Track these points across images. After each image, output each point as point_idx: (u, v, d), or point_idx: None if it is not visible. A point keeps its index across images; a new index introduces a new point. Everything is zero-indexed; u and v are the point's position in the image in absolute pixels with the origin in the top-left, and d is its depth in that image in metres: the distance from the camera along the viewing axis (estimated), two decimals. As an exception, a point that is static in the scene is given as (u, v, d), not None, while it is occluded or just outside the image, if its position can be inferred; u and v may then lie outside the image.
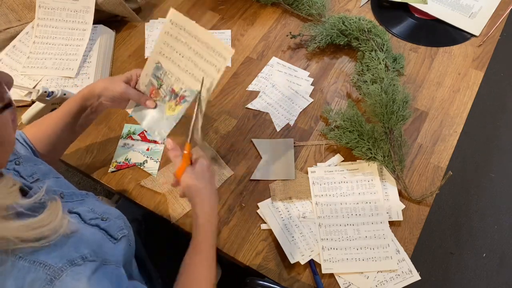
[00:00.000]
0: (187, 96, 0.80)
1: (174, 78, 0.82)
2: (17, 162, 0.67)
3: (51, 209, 0.55)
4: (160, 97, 0.84)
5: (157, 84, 0.83)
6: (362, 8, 1.25)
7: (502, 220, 1.73)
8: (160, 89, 0.84)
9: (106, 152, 1.00)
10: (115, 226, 0.67)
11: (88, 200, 0.71)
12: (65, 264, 0.52)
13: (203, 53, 0.78)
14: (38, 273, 0.50)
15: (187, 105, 0.80)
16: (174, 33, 0.80)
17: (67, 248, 0.54)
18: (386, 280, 0.82)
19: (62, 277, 0.51)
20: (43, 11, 1.12)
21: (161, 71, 0.83)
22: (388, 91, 0.95)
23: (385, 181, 0.93)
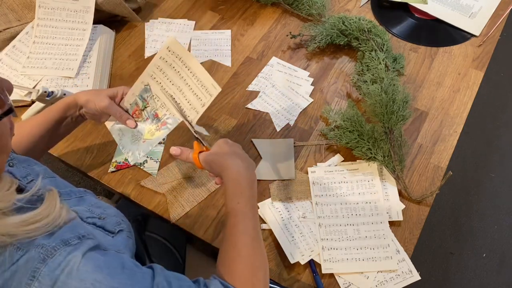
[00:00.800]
0: (169, 124, 0.80)
1: (160, 103, 0.82)
2: (10, 164, 0.66)
3: (49, 201, 0.55)
4: (142, 119, 0.84)
5: (142, 105, 0.83)
6: (362, 8, 1.25)
7: (502, 220, 1.73)
8: (144, 110, 0.83)
9: (106, 152, 1.00)
10: (112, 222, 0.67)
11: (86, 198, 0.71)
12: (58, 244, 0.51)
13: (192, 85, 0.79)
14: (31, 253, 0.49)
15: (167, 132, 0.80)
16: (169, 60, 0.80)
17: (62, 231, 0.53)
18: (386, 280, 0.82)
19: (55, 256, 0.50)
20: (43, 11, 1.12)
21: (148, 93, 0.83)
22: (388, 91, 0.95)
23: (385, 181, 0.93)
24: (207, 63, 1.14)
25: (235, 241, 0.66)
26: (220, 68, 1.14)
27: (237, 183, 0.70)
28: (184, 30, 1.21)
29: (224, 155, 0.73)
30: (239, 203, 0.68)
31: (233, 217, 0.68)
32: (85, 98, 0.81)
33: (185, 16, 1.24)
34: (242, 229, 0.66)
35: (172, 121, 0.80)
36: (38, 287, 0.48)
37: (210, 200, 0.93)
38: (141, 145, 0.82)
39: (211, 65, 1.14)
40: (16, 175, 0.64)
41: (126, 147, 0.85)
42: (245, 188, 0.70)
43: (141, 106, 0.83)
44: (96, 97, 0.81)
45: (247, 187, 0.70)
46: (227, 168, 0.71)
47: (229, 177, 0.71)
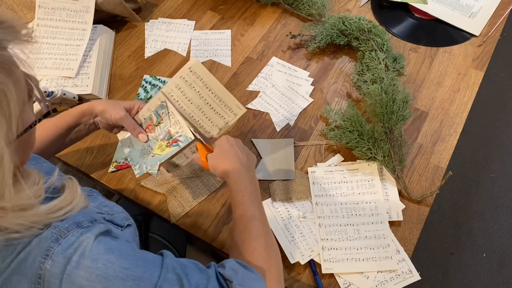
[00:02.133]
0: (180, 142, 0.81)
1: (174, 121, 0.82)
2: None
3: (70, 187, 0.57)
4: (154, 134, 0.84)
5: (156, 121, 0.84)
6: (362, 8, 1.25)
7: (502, 220, 1.73)
8: (157, 126, 0.84)
9: (106, 152, 1.00)
10: (120, 218, 0.68)
11: (94, 196, 0.72)
12: (71, 225, 0.53)
13: (214, 105, 0.83)
14: (44, 234, 0.51)
15: (177, 149, 0.81)
16: (189, 80, 0.81)
17: (75, 215, 0.55)
18: (386, 280, 0.82)
19: (68, 236, 0.52)
20: (43, 11, 1.12)
21: (164, 109, 0.83)
22: (388, 91, 0.95)
23: (385, 181, 0.93)
24: (207, 63, 1.14)
25: (245, 225, 0.70)
26: (220, 68, 1.14)
27: (239, 183, 0.75)
28: (184, 30, 1.21)
29: (225, 160, 0.77)
30: (244, 195, 0.73)
31: (240, 207, 0.72)
32: (102, 107, 0.82)
33: (185, 16, 1.24)
34: (250, 215, 0.71)
35: (183, 139, 0.81)
36: (52, 265, 0.50)
37: (210, 200, 0.93)
38: (149, 159, 0.83)
39: (211, 65, 1.14)
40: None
41: (134, 159, 0.85)
42: (247, 184, 0.75)
43: (155, 122, 0.84)
44: (112, 107, 0.82)
45: (249, 183, 0.75)
46: (228, 175, 0.76)
47: (231, 180, 0.76)
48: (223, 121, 0.84)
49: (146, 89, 1.10)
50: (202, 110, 0.83)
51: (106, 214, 0.67)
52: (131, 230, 0.68)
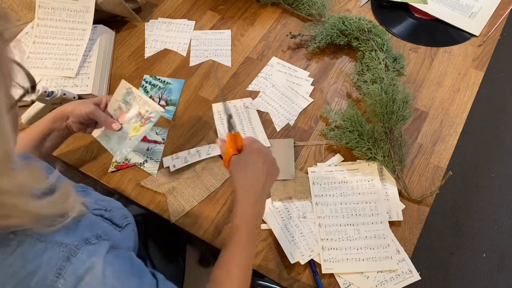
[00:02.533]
0: (152, 118, 0.86)
1: (142, 102, 0.87)
2: None
3: (63, 189, 0.56)
4: (126, 121, 0.88)
5: (125, 108, 0.88)
6: (362, 8, 1.25)
7: (502, 220, 1.73)
8: (127, 113, 0.88)
9: (106, 152, 1.00)
10: (119, 215, 0.69)
11: (89, 192, 0.73)
12: (80, 243, 0.54)
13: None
14: (54, 251, 0.52)
15: (151, 125, 0.85)
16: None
17: (80, 230, 0.56)
18: (386, 280, 0.82)
19: (78, 255, 0.53)
20: (43, 11, 1.12)
21: (131, 95, 0.88)
22: (388, 91, 0.95)
23: (385, 181, 0.93)
24: (207, 63, 1.14)
25: (229, 269, 0.68)
26: (220, 68, 1.14)
27: (244, 214, 0.71)
28: (184, 30, 1.21)
29: (243, 176, 0.73)
30: (241, 235, 0.70)
31: (233, 246, 0.70)
32: (70, 107, 0.84)
33: (185, 16, 1.24)
34: (237, 261, 0.69)
35: (154, 115, 0.86)
36: (64, 284, 0.51)
37: (210, 200, 0.93)
38: (127, 142, 0.87)
39: (211, 65, 1.14)
40: None
41: (113, 148, 0.89)
42: (249, 218, 0.71)
43: (125, 109, 0.88)
44: (81, 104, 0.84)
45: (252, 217, 0.71)
46: (237, 196, 0.72)
47: (238, 204, 0.71)
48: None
49: (146, 89, 1.10)
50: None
51: (103, 209, 0.67)
52: (129, 231, 0.68)
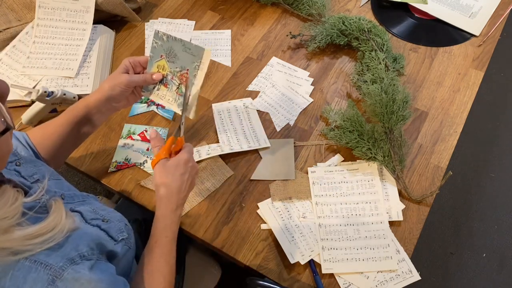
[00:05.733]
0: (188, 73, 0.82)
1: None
2: (17, 163, 0.67)
3: (55, 212, 0.55)
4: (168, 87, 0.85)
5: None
6: (362, 8, 1.25)
7: (502, 220, 1.73)
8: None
9: (106, 152, 1.00)
10: (116, 228, 0.68)
11: (89, 201, 0.72)
12: (65, 263, 0.53)
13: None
14: (39, 273, 0.51)
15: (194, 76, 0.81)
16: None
17: (67, 247, 0.55)
18: (386, 280, 0.82)
19: (63, 276, 0.52)
20: (43, 11, 1.12)
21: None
22: (388, 91, 0.95)
23: (385, 181, 0.93)
24: (207, 63, 1.14)
25: (154, 266, 0.71)
26: (220, 68, 1.14)
27: (166, 218, 0.74)
28: (184, 30, 1.21)
29: (170, 183, 0.75)
30: (167, 236, 0.74)
31: (155, 242, 0.73)
32: (107, 87, 0.80)
33: (185, 16, 1.24)
34: (159, 254, 0.72)
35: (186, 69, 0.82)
36: None
37: (210, 200, 0.93)
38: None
39: (211, 65, 1.14)
40: (22, 173, 0.65)
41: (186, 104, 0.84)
42: (174, 224, 0.75)
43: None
44: (113, 80, 0.80)
45: (176, 224, 0.76)
46: (161, 201, 0.75)
47: (161, 209, 0.75)
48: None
49: (146, 89, 1.10)
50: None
51: (101, 219, 0.66)
52: (123, 246, 0.68)
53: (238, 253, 0.87)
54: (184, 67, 0.81)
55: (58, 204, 0.57)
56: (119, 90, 0.80)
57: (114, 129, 1.03)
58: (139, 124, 1.03)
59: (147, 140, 1.01)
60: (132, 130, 1.02)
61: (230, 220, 0.91)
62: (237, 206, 0.92)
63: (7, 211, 0.50)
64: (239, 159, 0.98)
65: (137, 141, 1.01)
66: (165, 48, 0.82)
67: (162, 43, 0.82)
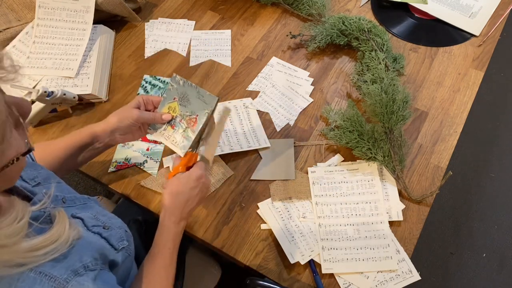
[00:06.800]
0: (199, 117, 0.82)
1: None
2: None
3: (59, 224, 0.55)
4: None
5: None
6: (362, 8, 1.25)
7: (502, 220, 1.73)
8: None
9: (106, 152, 0.99)
10: (117, 236, 0.68)
11: (90, 205, 0.72)
12: (69, 275, 0.53)
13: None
14: (44, 286, 0.51)
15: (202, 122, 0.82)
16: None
17: (71, 258, 0.55)
18: (386, 280, 0.82)
19: None
20: (43, 11, 1.12)
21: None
22: (388, 91, 0.95)
23: (385, 181, 0.93)
24: (207, 63, 1.14)
25: (154, 276, 0.72)
26: (220, 68, 1.14)
27: (171, 213, 0.76)
28: (184, 30, 1.21)
29: (178, 195, 0.76)
30: (169, 248, 0.74)
31: (157, 252, 0.74)
32: (115, 120, 0.81)
33: (185, 16, 1.24)
34: (160, 264, 0.73)
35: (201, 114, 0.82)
36: None
37: (210, 200, 0.93)
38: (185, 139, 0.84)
39: (211, 65, 1.14)
40: (24, 177, 0.65)
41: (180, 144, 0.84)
42: (174, 237, 0.76)
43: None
44: (125, 113, 0.81)
45: (176, 237, 0.76)
46: (165, 216, 0.76)
47: (165, 205, 0.76)
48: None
49: (146, 89, 1.10)
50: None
51: (102, 226, 0.67)
52: (123, 254, 0.69)
53: (238, 253, 0.87)
54: (194, 112, 0.82)
55: (61, 214, 0.57)
56: (127, 123, 0.81)
57: (114, 129, 1.03)
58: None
59: (147, 140, 1.01)
60: (132, 130, 1.02)
61: (230, 220, 0.91)
62: (237, 206, 0.92)
63: (15, 229, 0.49)
64: (239, 159, 0.98)
65: (137, 141, 1.01)
66: (179, 92, 0.83)
67: (178, 86, 0.82)
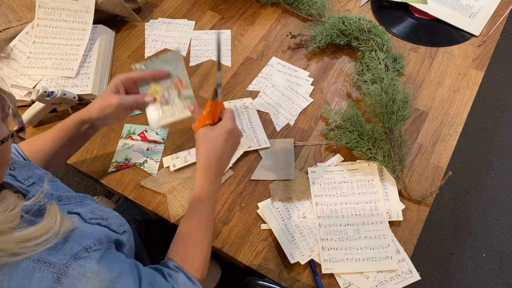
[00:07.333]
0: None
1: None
2: (12, 168, 0.66)
3: (49, 216, 0.55)
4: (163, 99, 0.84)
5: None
6: (362, 8, 1.25)
7: (502, 220, 1.73)
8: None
9: (106, 152, 1.00)
10: (116, 223, 0.68)
11: (86, 202, 0.72)
12: (69, 260, 0.52)
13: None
14: (44, 273, 0.50)
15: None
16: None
17: (69, 244, 0.54)
18: (386, 280, 0.82)
19: (68, 273, 0.51)
20: (43, 11, 1.12)
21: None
22: (388, 91, 0.95)
23: (385, 181, 0.93)
24: (207, 63, 1.14)
25: (191, 233, 0.71)
26: (220, 68, 1.14)
27: (208, 186, 0.74)
28: (184, 30, 1.21)
29: (212, 150, 0.74)
30: (210, 204, 0.74)
31: (193, 210, 0.73)
32: (97, 109, 0.80)
33: (185, 16, 1.24)
34: (204, 230, 0.72)
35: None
36: None
37: (210, 200, 0.93)
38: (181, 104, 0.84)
39: (211, 65, 1.14)
40: (18, 177, 0.65)
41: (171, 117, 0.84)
42: (210, 194, 0.74)
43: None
44: (104, 101, 0.80)
45: (213, 195, 0.75)
46: (202, 169, 0.74)
47: (202, 178, 0.74)
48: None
49: (146, 89, 1.10)
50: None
51: (100, 218, 0.66)
52: (126, 237, 0.68)
53: (238, 253, 0.87)
54: (173, 76, 0.82)
55: (53, 208, 0.56)
56: (110, 111, 0.80)
57: (114, 129, 1.03)
58: (139, 124, 1.03)
59: (147, 140, 1.01)
60: (132, 130, 1.02)
61: (230, 220, 0.91)
62: (237, 206, 0.92)
63: (7, 216, 0.50)
64: (239, 159, 0.98)
65: (137, 141, 1.01)
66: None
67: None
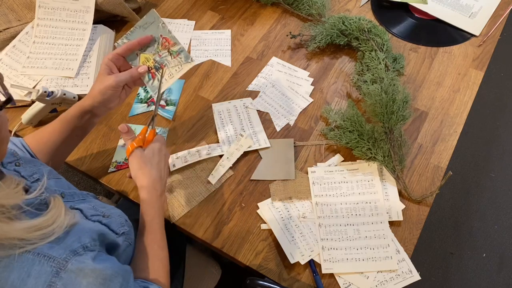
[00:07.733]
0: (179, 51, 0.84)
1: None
2: (17, 164, 0.67)
3: (55, 208, 0.56)
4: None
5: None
6: (362, 8, 1.25)
7: (502, 220, 1.73)
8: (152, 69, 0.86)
9: (106, 152, 1.00)
10: (117, 223, 0.69)
11: (89, 199, 0.73)
12: (68, 255, 0.53)
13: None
14: (43, 266, 0.51)
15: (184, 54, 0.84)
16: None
17: (69, 240, 0.56)
18: (386, 280, 0.82)
19: (67, 268, 0.52)
20: (43, 11, 1.12)
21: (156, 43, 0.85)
22: (388, 91, 0.95)
23: (385, 181, 0.93)
24: (207, 63, 1.14)
25: (149, 250, 0.74)
26: (220, 68, 1.14)
27: (151, 208, 0.77)
28: (184, 30, 1.21)
29: (144, 172, 0.78)
30: (158, 223, 0.77)
31: (146, 229, 0.76)
32: (97, 94, 0.80)
33: (185, 16, 1.24)
34: (152, 240, 0.75)
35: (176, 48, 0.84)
36: None
37: (210, 200, 0.93)
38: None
39: (211, 65, 1.14)
40: (22, 173, 0.66)
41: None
42: (158, 210, 0.78)
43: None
44: (101, 84, 0.80)
45: (160, 209, 0.79)
46: (143, 191, 0.78)
47: (146, 201, 0.78)
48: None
49: (146, 89, 1.10)
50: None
51: (101, 215, 0.67)
52: (124, 242, 0.69)
53: (238, 253, 0.87)
54: (157, 37, 0.84)
55: (57, 200, 0.58)
56: (110, 93, 0.81)
57: (114, 129, 1.03)
58: (139, 124, 1.03)
59: (147, 140, 1.01)
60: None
61: (230, 220, 0.91)
62: (237, 206, 0.92)
63: (10, 192, 0.52)
64: (239, 159, 0.98)
65: (137, 141, 1.01)
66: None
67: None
